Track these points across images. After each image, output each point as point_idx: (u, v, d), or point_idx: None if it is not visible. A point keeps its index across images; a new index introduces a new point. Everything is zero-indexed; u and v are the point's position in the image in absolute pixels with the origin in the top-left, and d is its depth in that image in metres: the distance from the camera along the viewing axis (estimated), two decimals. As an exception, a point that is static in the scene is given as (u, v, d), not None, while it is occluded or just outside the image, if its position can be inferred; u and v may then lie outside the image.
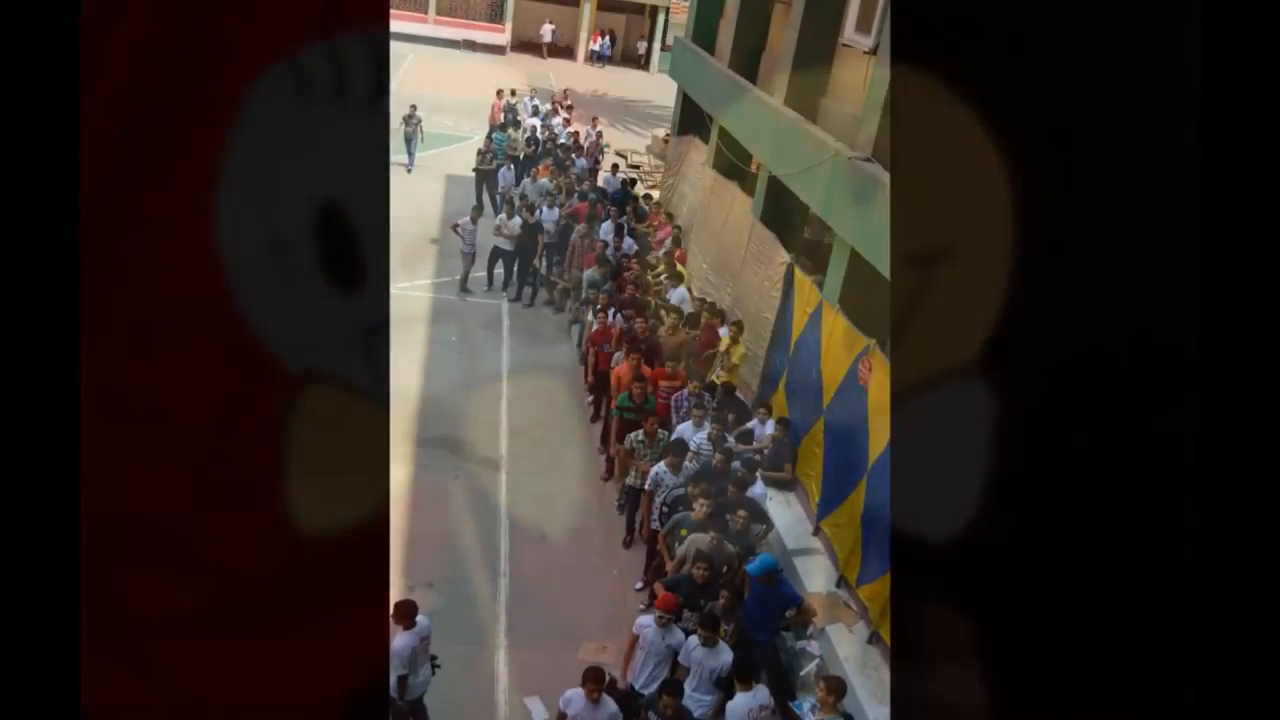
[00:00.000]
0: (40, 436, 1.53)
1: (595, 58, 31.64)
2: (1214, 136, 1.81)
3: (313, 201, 1.91)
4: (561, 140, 16.36)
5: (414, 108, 16.20)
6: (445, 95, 22.55)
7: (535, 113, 17.94)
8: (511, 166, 14.86)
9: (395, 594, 6.28)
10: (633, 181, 14.92)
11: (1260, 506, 1.74)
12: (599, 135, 16.78)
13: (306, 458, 1.90)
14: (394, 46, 23.46)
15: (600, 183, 14.59)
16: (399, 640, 5.07)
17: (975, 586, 1.94)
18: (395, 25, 26.16)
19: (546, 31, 31.02)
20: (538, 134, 16.37)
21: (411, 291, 11.79)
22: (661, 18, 31.23)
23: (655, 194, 14.93)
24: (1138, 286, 1.86)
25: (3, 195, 1.51)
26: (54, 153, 1.51)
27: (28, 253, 1.52)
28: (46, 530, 1.54)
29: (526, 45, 31.51)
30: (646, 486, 6.98)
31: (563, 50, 31.95)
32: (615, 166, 15.21)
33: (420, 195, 15.35)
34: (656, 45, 31.47)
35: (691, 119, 13.27)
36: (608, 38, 31.89)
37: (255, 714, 1.85)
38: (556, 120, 17.81)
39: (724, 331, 9.05)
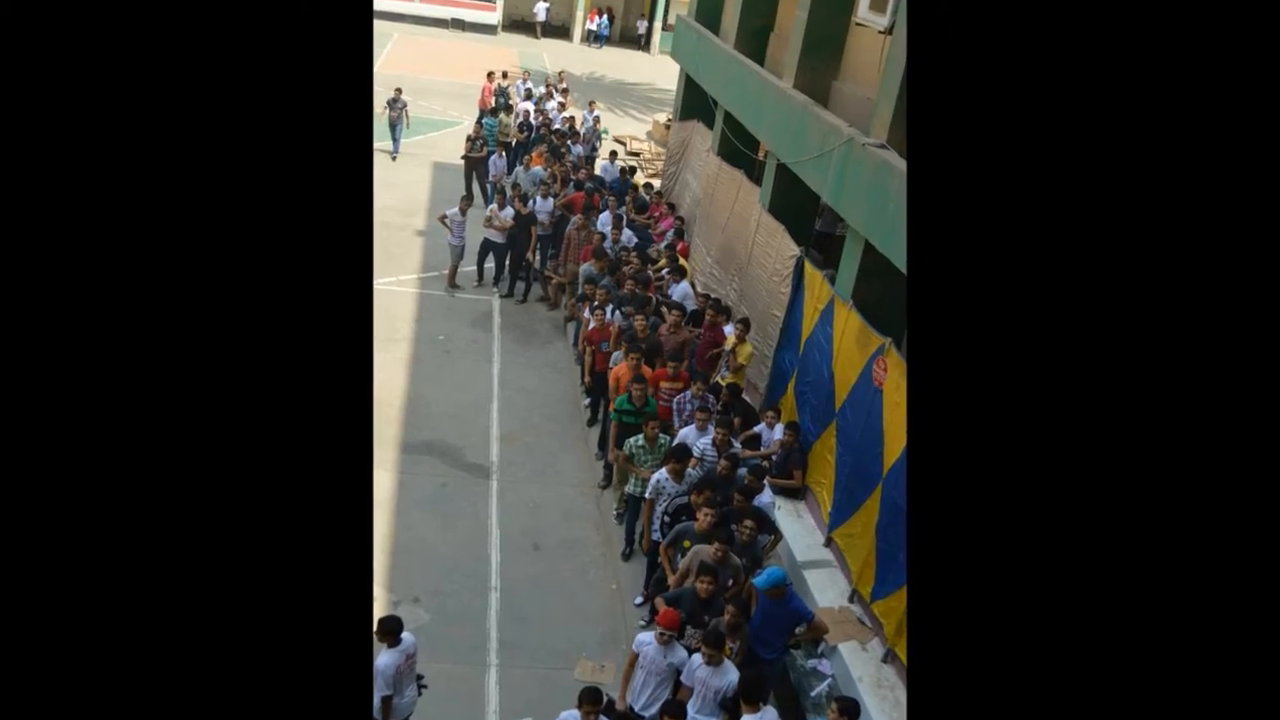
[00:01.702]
0: None
1: (592, 38, 31.66)
2: (1225, 130, 1.81)
3: (291, 191, 1.91)
4: (556, 125, 16.36)
5: (399, 91, 16.24)
6: (432, 78, 22.59)
7: (528, 96, 17.94)
8: (503, 153, 14.87)
9: (379, 609, 6.29)
10: (632, 170, 14.92)
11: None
12: (596, 120, 16.77)
13: (284, 463, 1.90)
14: (377, 25, 23.21)
15: (598, 171, 14.60)
16: (382, 659, 5.07)
17: (996, 601, 1.94)
18: (379, 3, 26.20)
19: (540, 10, 31.04)
20: (531, 119, 16.37)
21: (396, 287, 11.80)
22: (663, -5, 31.29)
23: (656, 183, 14.93)
24: (1158, 275, 1.86)
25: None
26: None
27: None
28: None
29: (519, 24, 31.54)
30: (647, 494, 6.98)
31: (557, 30, 31.97)
32: (614, 154, 15.21)
33: (405, 184, 15.37)
34: (657, 24, 31.50)
35: (695, 103, 13.28)
36: (605, 16, 31.90)
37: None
38: (551, 104, 17.80)
39: (729, 329, 9.04)
